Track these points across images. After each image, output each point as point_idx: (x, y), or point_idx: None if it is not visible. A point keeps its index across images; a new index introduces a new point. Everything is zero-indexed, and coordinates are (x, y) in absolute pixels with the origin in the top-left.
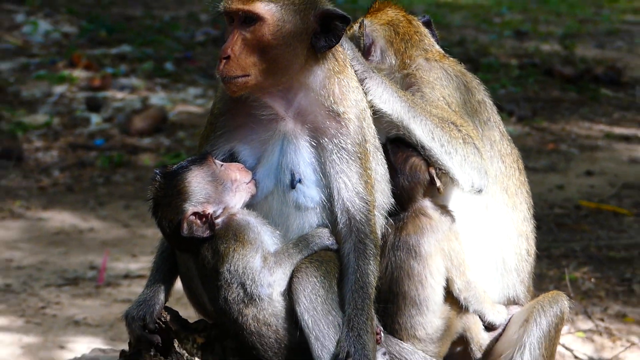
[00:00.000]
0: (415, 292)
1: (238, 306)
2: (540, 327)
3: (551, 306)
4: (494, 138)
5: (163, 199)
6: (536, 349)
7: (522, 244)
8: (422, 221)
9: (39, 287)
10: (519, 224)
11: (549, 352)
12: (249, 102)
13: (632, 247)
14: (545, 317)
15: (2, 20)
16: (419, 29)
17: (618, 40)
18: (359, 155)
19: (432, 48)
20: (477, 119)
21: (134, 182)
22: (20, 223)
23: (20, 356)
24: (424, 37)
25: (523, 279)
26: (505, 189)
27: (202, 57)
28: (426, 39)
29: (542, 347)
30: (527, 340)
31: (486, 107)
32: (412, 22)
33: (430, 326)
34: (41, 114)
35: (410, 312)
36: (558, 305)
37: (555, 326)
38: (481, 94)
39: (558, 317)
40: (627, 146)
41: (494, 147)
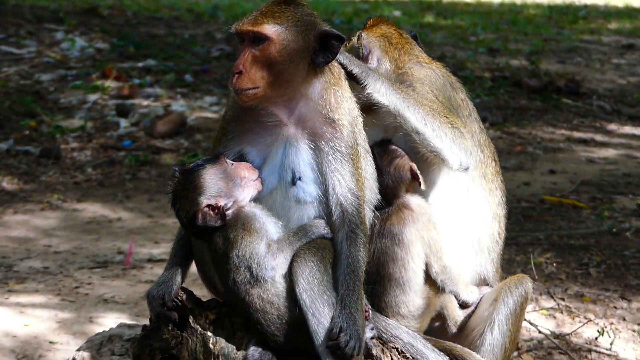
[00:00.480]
0: (399, 274)
1: (245, 287)
2: (508, 306)
3: (517, 287)
4: (475, 130)
5: (181, 193)
6: (504, 325)
7: (495, 226)
8: (405, 213)
9: (73, 269)
10: (494, 207)
11: (515, 327)
12: (257, 110)
13: (589, 236)
14: (512, 297)
15: (44, 37)
16: (409, 40)
17: (577, 56)
18: (351, 157)
19: (421, 54)
20: (460, 113)
21: (157, 178)
22: (57, 213)
23: (56, 330)
24: (414, 47)
25: (493, 258)
26: (483, 174)
27: (217, 69)
28: (415, 48)
29: (509, 323)
30: (496, 318)
31: (467, 104)
32: (402, 34)
33: (412, 304)
34: (77, 119)
35: (394, 292)
36: (523, 286)
37: (521, 305)
38: (463, 94)
39: (523, 297)
40: (585, 148)
41: (474, 137)
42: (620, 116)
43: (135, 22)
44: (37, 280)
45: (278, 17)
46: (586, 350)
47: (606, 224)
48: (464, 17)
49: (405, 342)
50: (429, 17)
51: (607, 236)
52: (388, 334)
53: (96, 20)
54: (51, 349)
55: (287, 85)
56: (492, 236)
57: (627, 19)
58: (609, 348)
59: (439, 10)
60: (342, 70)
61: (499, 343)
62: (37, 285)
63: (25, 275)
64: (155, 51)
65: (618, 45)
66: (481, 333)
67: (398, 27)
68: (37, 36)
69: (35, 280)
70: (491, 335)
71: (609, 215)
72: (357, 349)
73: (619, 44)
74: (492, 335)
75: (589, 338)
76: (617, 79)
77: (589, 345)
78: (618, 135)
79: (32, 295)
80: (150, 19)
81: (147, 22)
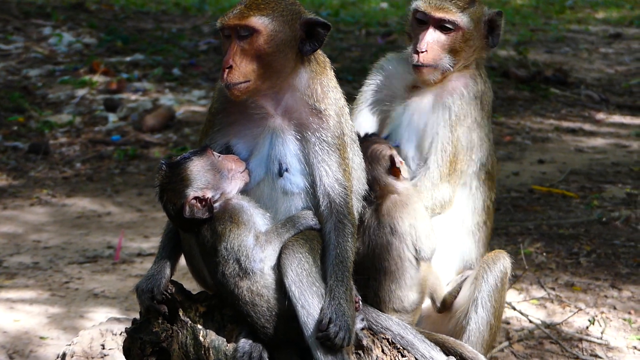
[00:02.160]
0: (395, 266)
1: (234, 279)
2: (488, 283)
3: (495, 263)
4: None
5: (168, 185)
6: (487, 302)
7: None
8: (393, 199)
9: (63, 264)
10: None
11: (499, 303)
12: (243, 102)
13: (579, 225)
14: (491, 274)
15: (31, 33)
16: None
17: (565, 46)
18: (338, 147)
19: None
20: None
21: (146, 172)
22: (47, 209)
23: (47, 325)
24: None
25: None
26: (487, 171)
27: (204, 63)
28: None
29: (492, 299)
30: (479, 296)
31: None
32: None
33: (407, 300)
34: (65, 114)
35: (390, 287)
36: (501, 262)
37: (501, 280)
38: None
39: (502, 272)
40: (574, 138)
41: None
42: (609, 105)
43: (123, 17)
44: (27, 275)
45: (263, 9)
46: (577, 340)
47: (596, 213)
48: None
49: (396, 333)
50: None
51: (596, 225)
52: (378, 325)
53: (83, 15)
54: (42, 344)
55: (277, 76)
56: (478, 223)
57: (614, 8)
58: (600, 337)
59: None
60: (327, 59)
61: (484, 321)
62: (27, 281)
63: (15, 271)
64: (143, 45)
65: (605, 35)
66: (466, 313)
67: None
68: (24, 32)
69: (25, 276)
70: (476, 314)
71: (598, 205)
72: (347, 339)
73: (607, 33)
74: (477, 314)
75: (579, 327)
76: (605, 68)
77: (580, 335)
78: (606, 124)
79: (22, 291)
80: (137, 13)
81: (134, 17)
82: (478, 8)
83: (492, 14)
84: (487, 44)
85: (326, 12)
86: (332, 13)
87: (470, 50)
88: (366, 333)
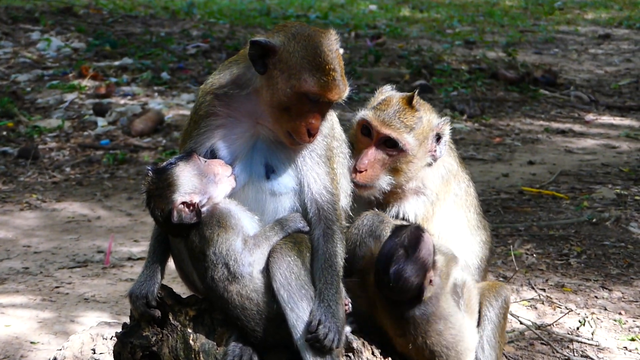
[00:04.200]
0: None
1: (223, 283)
2: (492, 321)
3: (497, 300)
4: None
5: (155, 192)
6: (492, 339)
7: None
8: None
9: (53, 269)
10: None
11: (502, 336)
12: (231, 107)
13: (569, 227)
14: (493, 311)
15: (20, 37)
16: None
17: (554, 47)
18: (328, 157)
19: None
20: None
21: (136, 177)
22: (36, 213)
23: (37, 329)
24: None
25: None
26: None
27: (193, 67)
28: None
29: (496, 335)
30: (484, 335)
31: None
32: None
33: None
34: (54, 119)
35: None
36: (502, 297)
37: (503, 315)
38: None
39: (504, 307)
40: (563, 139)
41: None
42: (598, 106)
43: (111, 21)
44: (17, 280)
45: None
46: (568, 341)
47: (586, 214)
48: (440, 9)
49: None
50: (405, 11)
51: (586, 226)
52: (368, 328)
53: (72, 20)
54: (32, 349)
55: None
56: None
57: (603, 9)
58: (591, 337)
59: (415, 3)
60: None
61: (492, 358)
62: (18, 286)
63: (5, 276)
64: (132, 49)
65: (594, 36)
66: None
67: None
68: (12, 37)
69: (15, 281)
70: (483, 354)
71: (588, 206)
72: (337, 341)
73: (596, 34)
74: (485, 353)
75: (570, 328)
76: (594, 69)
77: (571, 335)
78: (596, 125)
79: (12, 296)
80: (126, 17)
81: (123, 21)
82: (426, 124)
83: (440, 127)
84: (433, 156)
85: (315, 15)
86: (321, 15)
87: (412, 170)
88: (356, 336)
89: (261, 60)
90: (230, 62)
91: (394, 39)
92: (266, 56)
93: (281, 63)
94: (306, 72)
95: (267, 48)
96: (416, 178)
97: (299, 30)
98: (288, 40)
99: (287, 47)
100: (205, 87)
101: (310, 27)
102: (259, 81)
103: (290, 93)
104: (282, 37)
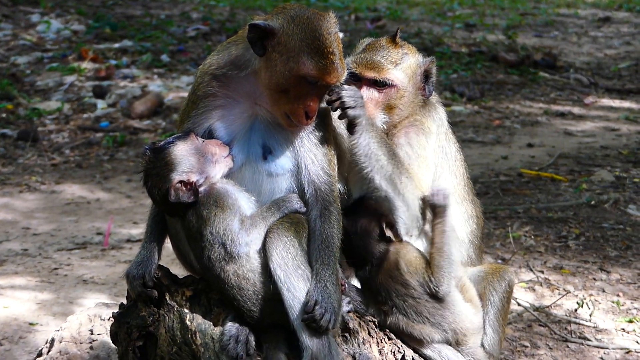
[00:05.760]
0: (434, 307)
1: (220, 263)
2: (495, 305)
3: (500, 284)
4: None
5: (152, 171)
6: (494, 322)
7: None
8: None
9: (52, 251)
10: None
11: (505, 319)
12: (230, 87)
13: (567, 209)
14: (497, 295)
15: (19, 20)
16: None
17: (554, 30)
18: (325, 139)
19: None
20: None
21: (135, 159)
22: (36, 195)
23: (36, 311)
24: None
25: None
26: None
27: (193, 49)
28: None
29: (499, 319)
30: (486, 319)
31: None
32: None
33: (461, 326)
34: (54, 101)
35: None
36: (506, 281)
37: (507, 299)
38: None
39: (507, 291)
40: (563, 121)
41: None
42: (598, 89)
43: (111, 3)
44: (16, 262)
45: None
46: (566, 322)
47: (584, 197)
48: None
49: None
50: None
51: (585, 208)
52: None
53: (72, 2)
54: (31, 330)
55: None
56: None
57: None
58: (589, 319)
59: None
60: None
61: (495, 341)
62: (16, 268)
63: (4, 258)
64: (132, 32)
65: (594, 19)
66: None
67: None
68: (12, 19)
69: (14, 263)
70: (486, 337)
71: (587, 188)
72: (333, 321)
73: (596, 17)
74: (487, 337)
75: (568, 310)
76: (594, 52)
77: (569, 317)
78: (595, 108)
79: (11, 278)
80: (125, 0)
81: (122, 3)
82: (412, 60)
83: (426, 64)
84: (423, 95)
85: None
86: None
87: (405, 105)
88: (352, 316)
89: (260, 43)
90: (229, 42)
91: (394, 21)
92: (265, 38)
93: (280, 46)
94: (305, 55)
95: (266, 31)
96: (410, 116)
97: (298, 13)
98: (287, 23)
99: (286, 29)
100: (203, 67)
101: (309, 10)
102: (258, 63)
103: (288, 76)
104: (281, 20)
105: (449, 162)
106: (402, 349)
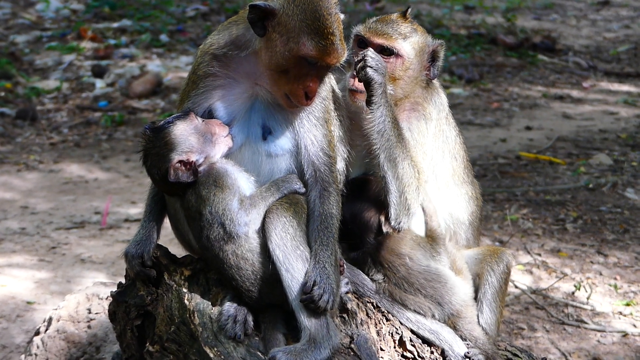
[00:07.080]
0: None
1: (219, 243)
2: (493, 286)
3: (498, 265)
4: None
5: (152, 150)
6: (492, 303)
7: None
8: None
9: (50, 229)
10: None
11: (502, 301)
12: (231, 67)
13: (565, 192)
14: (494, 276)
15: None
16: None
17: (553, 13)
18: (325, 120)
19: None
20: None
21: (133, 139)
22: (34, 174)
23: (34, 289)
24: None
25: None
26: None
27: (192, 29)
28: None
29: (497, 300)
30: (484, 300)
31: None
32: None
33: (458, 299)
34: (52, 80)
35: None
36: (504, 262)
37: (505, 280)
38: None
39: (505, 272)
40: (561, 104)
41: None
42: (596, 72)
43: None
44: (14, 241)
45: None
46: (563, 305)
47: (582, 180)
48: None
49: (381, 297)
50: None
51: (583, 192)
52: (364, 289)
53: None
54: (29, 309)
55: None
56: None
57: None
58: (586, 302)
59: None
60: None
61: (492, 321)
62: (15, 246)
63: (2, 236)
64: (131, 11)
65: (594, 2)
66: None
67: None
68: None
69: (12, 241)
70: (483, 317)
71: (585, 171)
72: (331, 302)
73: (595, 0)
74: (484, 316)
75: (565, 293)
76: (593, 35)
77: (566, 300)
78: (594, 91)
79: (9, 256)
80: None
81: None
82: (421, 38)
83: (435, 45)
84: (427, 76)
85: None
86: None
87: (409, 80)
88: (351, 297)
89: (260, 23)
90: (230, 22)
91: (393, 3)
92: (265, 19)
93: (280, 26)
94: (305, 35)
95: (267, 11)
96: (412, 95)
97: None
98: (287, 3)
99: (287, 10)
100: (204, 47)
101: None
102: (258, 43)
103: (288, 56)
104: (281, 1)
105: (449, 146)
106: (399, 330)
